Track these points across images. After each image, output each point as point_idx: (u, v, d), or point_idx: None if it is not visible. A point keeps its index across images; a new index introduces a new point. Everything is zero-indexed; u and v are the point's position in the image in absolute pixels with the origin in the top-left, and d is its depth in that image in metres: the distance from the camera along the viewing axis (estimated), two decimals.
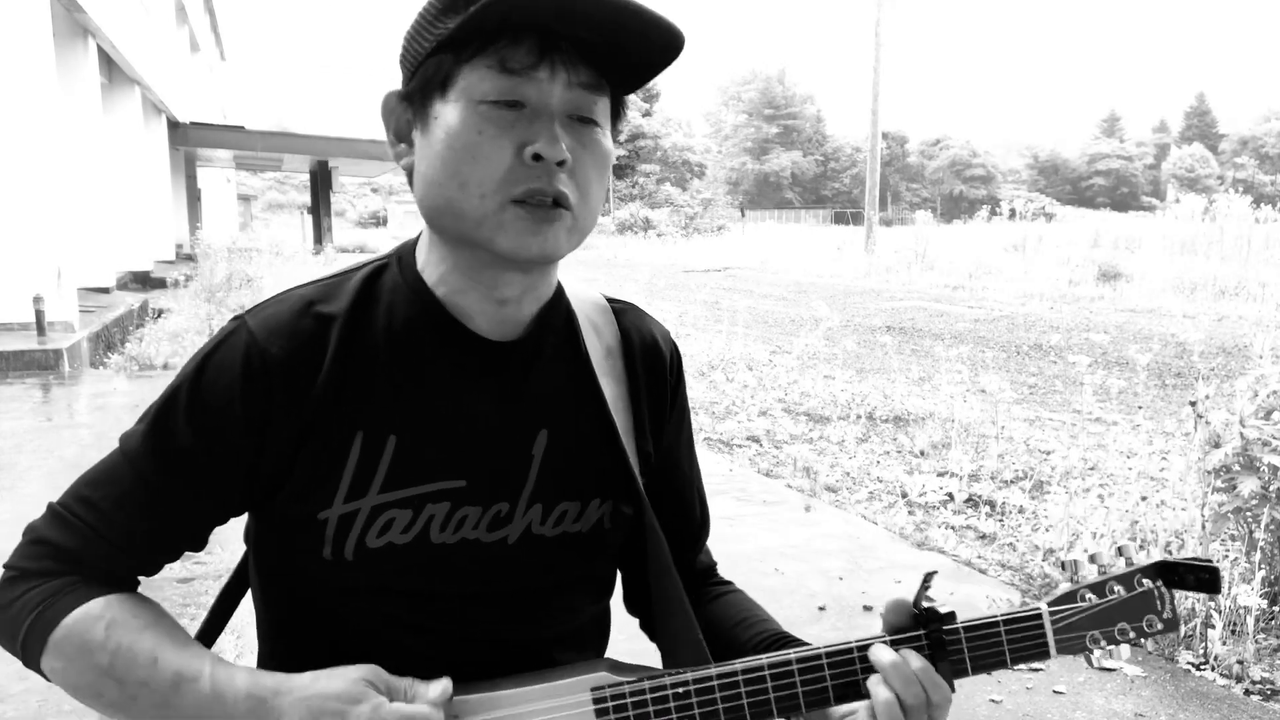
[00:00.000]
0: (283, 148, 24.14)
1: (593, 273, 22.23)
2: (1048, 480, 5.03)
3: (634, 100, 1.02)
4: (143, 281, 15.83)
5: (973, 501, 4.84)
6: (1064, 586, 1.00)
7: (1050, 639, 0.96)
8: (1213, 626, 3.06)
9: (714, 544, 1.21)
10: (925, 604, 0.95)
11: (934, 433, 6.21)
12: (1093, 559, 1.00)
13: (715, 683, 0.91)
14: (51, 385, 7.89)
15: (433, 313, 0.96)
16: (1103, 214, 49.18)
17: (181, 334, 9.95)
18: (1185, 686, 2.91)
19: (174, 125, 21.56)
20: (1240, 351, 10.22)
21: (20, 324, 9.27)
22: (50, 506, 0.94)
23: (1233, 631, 3.09)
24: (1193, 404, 3.45)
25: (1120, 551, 1.01)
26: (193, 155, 25.51)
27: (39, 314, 8.92)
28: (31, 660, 0.90)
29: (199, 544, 0.97)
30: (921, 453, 5.85)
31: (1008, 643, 0.96)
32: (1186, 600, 3.21)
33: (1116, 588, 0.98)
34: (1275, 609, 3.21)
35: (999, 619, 0.96)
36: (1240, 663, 2.96)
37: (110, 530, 0.91)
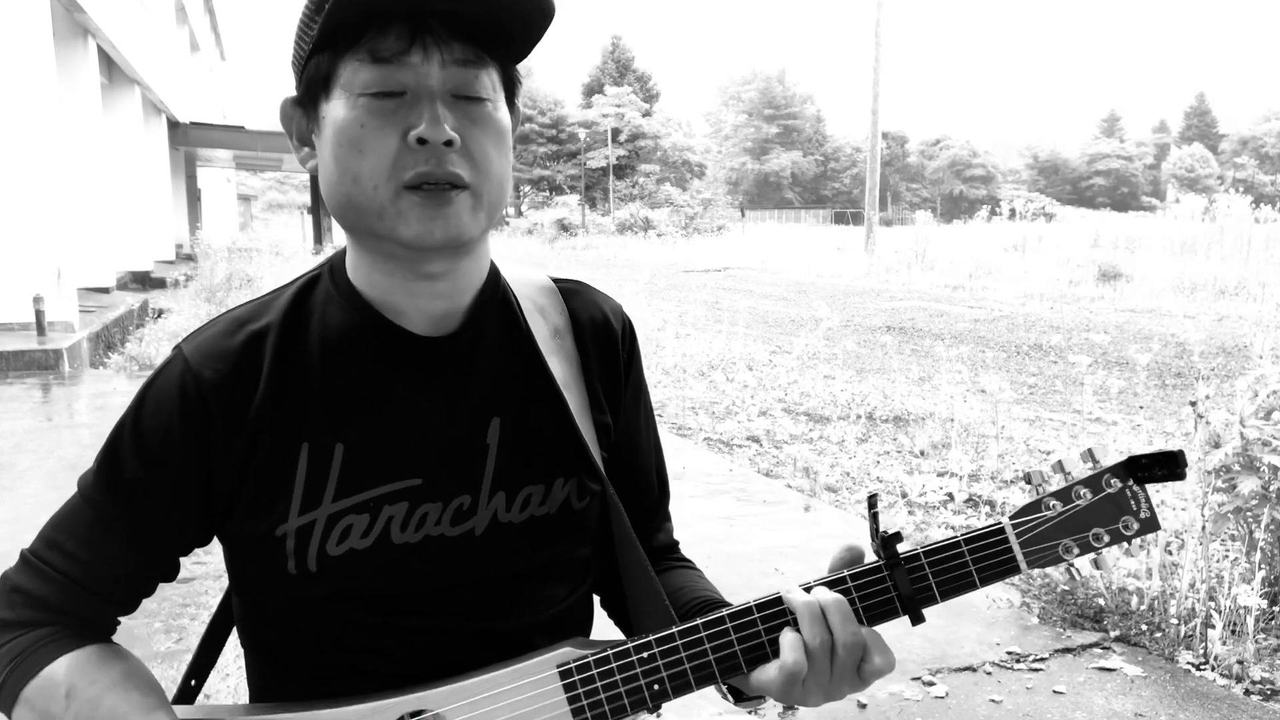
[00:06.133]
0: (283, 148, 24.10)
1: (593, 273, 22.20)
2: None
3: (634, 100, 1.02)
4: (143, 281, 15.85)
5: (973, 502, 4.84)
6: (1028, 498, 0.95)
7: (1018, 553, 0.92)
8: (1213, 626, 3.06)
9: (714, 544, 1.22)
10: (881, 532, 0.91)
11: (934, 433, 6.21)
12: (1058, 467, 0.95)
13: (679, 641, 0.91)
14: (51, 385, 7.89)
15: (366, 317, 0.96)
16: (1103, 214, 49.12)
17: (181, 334, 9.93)
18: (1185, 686, 2.91)
19: (174, 125, 21.58)
20: (1240, 351, 10.21)
21: (20, 324, 9.28)
22: (23, 554, 0.95)
23: (1233, 631, 3.09)
24: (1193, 404, 3.45)
25: (1089, 455, 0.95)
26: (193, 155, 25.53)
27: (39, 314, 8.93)
28: (4, 708, 0.91)
29: (169, 574, 0.98)
30: (921, 453, 5.85)
31: (973, 562, 0.92)
32: (1187, 600, 3.21)
33: (1083, 491, 0.93)
34: (1275, 609, 3.21)
35: (959, 538, 0.93)
36: (1240, 663, 2.96)
37: (80, 573, 0.92)
